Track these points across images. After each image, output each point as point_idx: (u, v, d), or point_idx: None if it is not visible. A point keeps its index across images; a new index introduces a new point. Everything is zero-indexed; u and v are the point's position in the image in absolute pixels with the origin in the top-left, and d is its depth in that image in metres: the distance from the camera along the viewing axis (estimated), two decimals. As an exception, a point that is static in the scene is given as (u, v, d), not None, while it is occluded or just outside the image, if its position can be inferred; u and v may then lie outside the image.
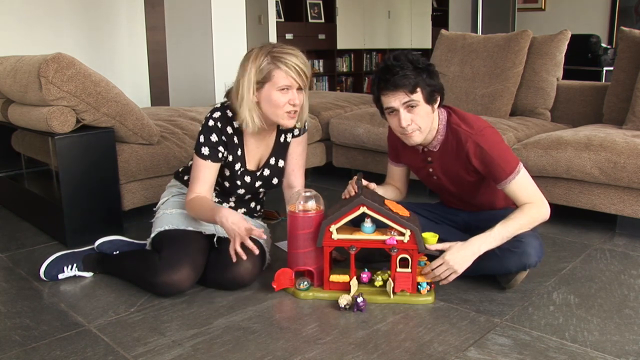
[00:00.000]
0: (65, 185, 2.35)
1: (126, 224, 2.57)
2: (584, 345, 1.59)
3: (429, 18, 8.86)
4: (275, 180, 2.11)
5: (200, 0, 4.17)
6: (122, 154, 2.53)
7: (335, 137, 3.44)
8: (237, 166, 2.01)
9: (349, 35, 8.11)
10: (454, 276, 1.82)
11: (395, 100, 1.81)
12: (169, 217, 2.03)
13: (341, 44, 8.01)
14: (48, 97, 2.30)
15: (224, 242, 1.99)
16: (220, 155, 1.97)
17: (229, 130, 1.98)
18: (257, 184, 2.08)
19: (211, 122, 1.95)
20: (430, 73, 1.83)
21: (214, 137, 1.94)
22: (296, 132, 2.10)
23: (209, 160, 1.95)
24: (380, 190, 2.11)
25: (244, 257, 1.81)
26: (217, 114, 1.96)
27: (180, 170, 2.20)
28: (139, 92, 4.49)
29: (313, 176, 3.63)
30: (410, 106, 1.81)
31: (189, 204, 1.97)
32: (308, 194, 1.92)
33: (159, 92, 4.56)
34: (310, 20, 7.61)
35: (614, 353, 1.55)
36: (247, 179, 2.05)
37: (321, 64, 8.09)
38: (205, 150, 1.95)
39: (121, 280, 2.03)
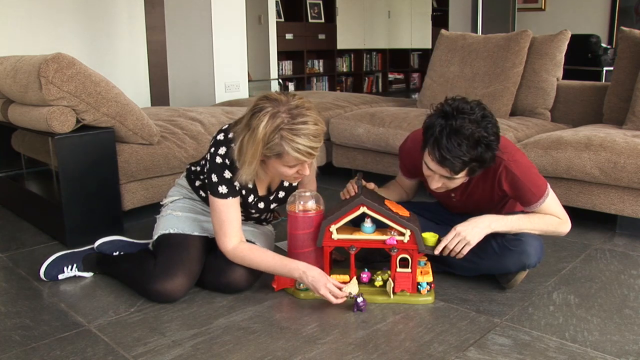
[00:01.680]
0: (65, 185, 2.35)
1: (126, 224, 2.57)
2: (584, 345, 1.59)
3: (429, 18, 8.87)
4: (273, 205, 2.08)
5: (200, 0, 4.17)
6: (122, 154, 2.53)
7: (335, 137, 3.44)
8: (251, 198, 1.95)
9: (349, 35, 8.11)
10: (467, 248, 1.80)
11: (436, 169, 1.75)
12: (174, 220, 2.01)
13: (341, 44, 8.02)
14: (48, 97, 2.30)
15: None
16: (237, 189, 1.87)
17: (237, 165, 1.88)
18: (272, 205, 2.05)
19: (219, 160, 1.83)
20: (487, 147, 1.69)
21: (227, 174, 1.83)
22: None
23: (230, 198, 1.85)
24: (383, 191, 2.11)
25: (340, 301, 1.76)
26: (222, 150, 1.83)
27: (192, 169, 2.10)
28: (139, 92, 4.50)
29: (313, 176, 3.63)
30: (447, 178, 1.77)
31: (236, 255, 1.85)
32: (308, 194, 1.92)
33: (159, 92, 4.56)
34: (310, 20, 7.62)
35: (614, 353, 1.55)
36: (261, 205, 2.01)
37: (321, 64, 8.10)
38: (222, 189, 1.84)
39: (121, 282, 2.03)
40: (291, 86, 7.63)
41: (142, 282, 1.87)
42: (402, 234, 1.80)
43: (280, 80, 6.85)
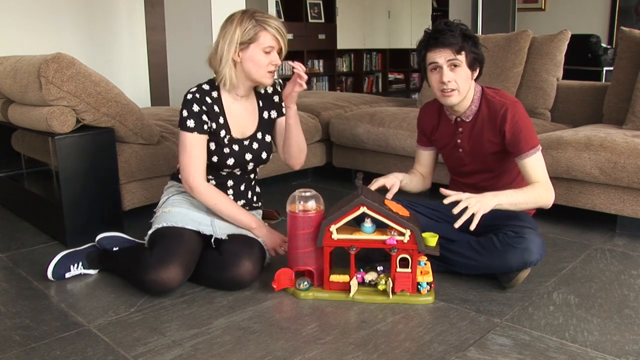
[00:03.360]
0: (65, 185, 2.35)
1: (126, 224, 2.57)
2: (584, 345, 1.59)
3: (429, 18, 8.87)
4: (264, 155, 2.16)
5: (200, 0, 4.17)
6: (122, 154, 2.53)
7: (335, 137, 3.44)
8: (223, 133, 2.05)
9: (349, 35, 8.11)
10: (477, 218, 1.78)
11: (440, 57, 1.91)
12: (167, 215, 2.04)
13: (341, 44, 8.02)
14: (48, 97, 2.30)
15: (223, 242, 2.00)
16: (205, 126, 2.00)
17: (208, 100, 2.03)
18: (247, 156, 2.11)
19: (189, 96, 2.00)
20: (475, 43, 1.94)
21: (195, 108, 1.99)
22: (278, 104, 2.20)
23: (196, 132, 1.98)
24: (406, 178, 2.14)
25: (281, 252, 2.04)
26: (193, 89, 2.03)
27: (177, 171, 2.20)
28: (139, 92, 4.49)
29: (313, 176, 3.63)
30: (453, 65, 1.91)
31: (203, 191, 2.01)
32: (308, 194, 1.92)
33: (159, 92, 4.56)
34: (310, 20, 7.61)
35: (614, 353, 1.55)
36: (236, 147, 2.08)
37: (321, 64, 8.09)
38: (190, 123, 1.98)
39: (121, 280, 2.03)
40: (291, 86, 7.62)
41: (138, 273, 1.88)
42: (402, 234, 1.80)
43: (280, 80, 6.85)
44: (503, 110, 1.96)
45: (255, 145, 2.13)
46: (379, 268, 1.93)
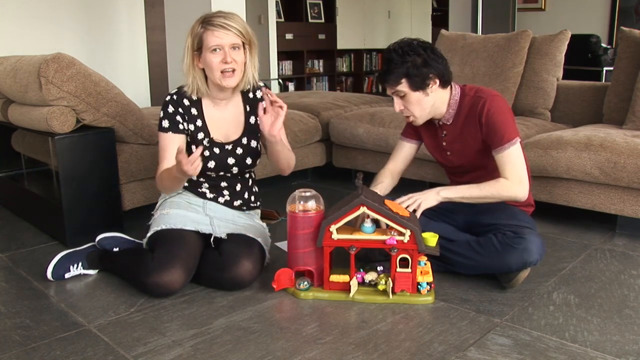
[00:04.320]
0: (65, 185, 2.35)
1: (126, 224, 2.56)
2: (584, 345, 1.59)
3: (429, 18, 8.86)
4: (249, 160, 2.12)
5: (200, 0, 4.17)
6: (122, 154, 2.53)
7: (335, 137, 3.44)
8: (200, 135, 2.04)
9: (349, 35, 8.11)
10: (419, 212, 1.94)
11: (389, 89, 2.00)
12: (165, 217, 2.03)
13: (341, 44, 8.02)
14: (48, 97, 2.30)
15: (223, 242, 2.00)
16: (180, 126, 2.02)
17: (186, 102, 2.04)
18: (230, 160, 2.08)
19: (167, 98, 2.03)
20: (425, 61, 1.93)
21: (170, 109, 2.01)
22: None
23: (170, 132, 2.01)
24: (378, 187, 2.15)
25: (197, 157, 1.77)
26: (173, 91, 2.06)
27: None
28: (139, 92, 4.49)
29: (313, 176, 3.63)
30: (399, 95, 1.99)
31: (157, 179, 2.01)
32: (308, 194, 1.92)
33: (159, 92, 4.56)
34: (310, 20, 7.61)
35: (614, 353, 1.55)
36: (217, 150, 2.06)
37: (321, 64, 8.09)
38: (165, 123, 2.01)
39: (121, 280, 2.03)
40: (291, 86, 7.62)
41: (140, 276, 1.88)
42: (402, 234, 1.80)
43: (280, 80, 6.84)
44: (481, 103, 1.97)
45: (239, 151, 2.09)
46: (379, 268, 1.93)
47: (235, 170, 2.11)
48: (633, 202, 2.42)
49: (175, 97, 2.03)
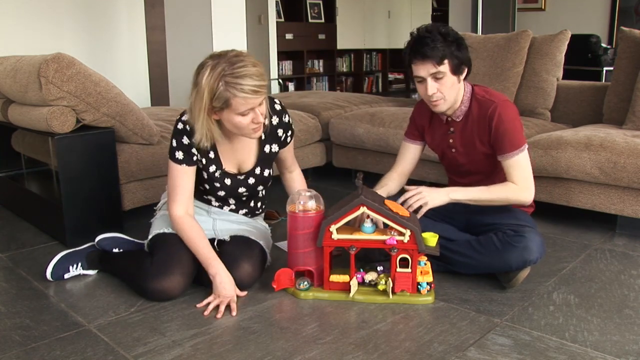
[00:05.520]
0: (65, 185, 2.35)
1: (126, 224, 2.57)
2: (584, 345, 1.59)
3: (429, 18, 8.87)
4: (260, 187, 2.08)
5: (200, 0, 4.17)
6: (122, 154, 2.53)
7: (335, 137, 3.44)
8: (212, 168, 1.97)
9: (349, 35, 8.11)
10: (424, 210, 1.91)
11: (423, 70, 1.90)
12: (167, 219, 2.02)
13: (341, 44, 8.02)
14: (48, 97, 2.30)
15: (224, 244, 1.99)
16: (194, 158, 1.93)
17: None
18: (241, 189, 2.04)
19: (180, 125, 1.90)
20: (459, 46, 1.91)
21: (185, 140, 1.89)
22: (281, 138, 2.04)
23: (184, 165, 1.91)
24: (383, 190, 2.13)
25: (220, 315, 1.78)
26: (185, 117, 1.88)
27: None
28: (139, 92, 4.49)
29: (313, 176, 3.63)
30: (436, 77, 1.91)
31: (179, 223, 1.91)
32: (308, 194, 1.91)
33: (159, 92, 4.56)
34: (310, 20, 7.62)
35: (614, 353, 1.55)
36: (228, 181, 2.00)
37: (321, 64, 8.09)
38: (179, 155, 1.90)
39: (121, 281, 2.03)
40: (291, 86, 7.62)
41: (139, 280, 1.88)
42: (402, 234, 1.80)
43: (280, 80, 6.84)
44: (492, 108, 1.96)
45: (251, 180, 2.03)
46: (379, 268, 1.93)
47: (245, 197, 2.09)
48: (633, 202, 2.42)
49: (188, 126, 1.87)
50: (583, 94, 3.24)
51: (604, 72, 5.31)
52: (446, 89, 1.93)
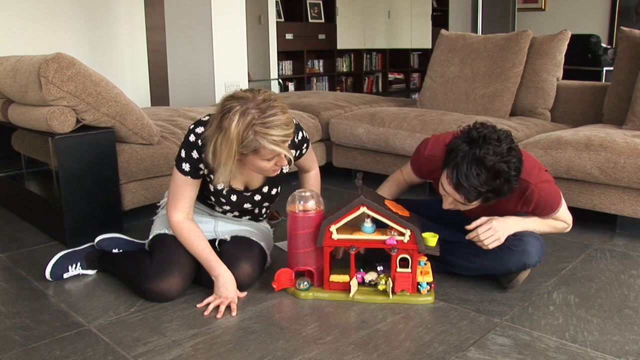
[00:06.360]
0: (65, 185, 2.35)
1: (126, 224, 2.57)
2: (584, 345, 1.59)
3: (429, 18, 8.87)
4: (266, 204, 2.08)
5: (200, 0, 4.17)
6: (122, 154, 2.53)
7: (335, 137, 3.44)
8: (220, 185, 1.95)
9: (349, 35, 8.10)
10: (496, 243, 1.81)
11: (452, 192, 1.72)
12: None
13: (341, 44, 8.01)
14: (48, 97, 2.30)
15: (224, 243, 1.99)
16: (200, 172, 1.90)
17: None
18: (246, 205, 2.03)
19: (192, 138, 1.85)
20: (501, 187, 1.67)
21: (194, 154, 1.85)
22: (287, 168, 1.99)
23: (189, 177, 1.88)
24: (384, 190, 2.12)
25: (220, 315, 1.78)
26: (199, 130, 1.84)
27: None
28: (139, 92, 4.49)
29: (313, 176, 3.63)
30: (461, 203, 1.75)
31: (178, 228, 1.90)
32: (308, 194, 1.92)
33: (159, 92, 4.56)
34: (310, 20, 7.61)
35: (614, 353, 1.55)
36: (234, 197, 1.99)
37: (321, 64, 8.09)
38: (185, 167, 1.87)
39: (120, 281, 2.03)
40: (291, 86, 7.62)
41: (138, 281, 1.88)
42: (402, 234, 1.80)
43: (280, 80, 6.84)
44: (527, 192, 1.80)
45: (257, 197, 2.02)
46: (379, 268, 1.93)
47: (249, 211, 2.09)
48: (633, 202, 2.42)
49: (199, 141, 1.83)
50: (583, 94, 3.24)
51: (604, 72, 5.32)
52: (465, 208, 1.79)
